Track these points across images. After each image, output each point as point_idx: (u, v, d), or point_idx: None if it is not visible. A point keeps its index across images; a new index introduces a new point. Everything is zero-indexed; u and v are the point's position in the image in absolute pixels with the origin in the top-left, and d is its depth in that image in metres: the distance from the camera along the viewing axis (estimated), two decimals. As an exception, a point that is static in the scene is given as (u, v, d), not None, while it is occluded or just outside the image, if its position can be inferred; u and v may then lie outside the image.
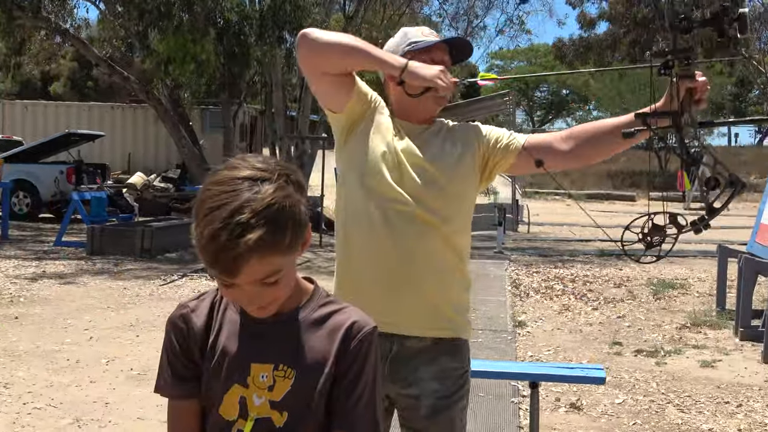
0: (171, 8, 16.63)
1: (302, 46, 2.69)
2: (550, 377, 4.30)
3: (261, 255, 1.61)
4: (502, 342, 8.05)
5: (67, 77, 49.34)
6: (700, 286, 11.53)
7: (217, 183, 1.66)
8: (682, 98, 2.33)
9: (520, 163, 2.81)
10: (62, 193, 19.66)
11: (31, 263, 12.85)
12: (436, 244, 2.67)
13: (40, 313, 9.01)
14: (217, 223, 1.59)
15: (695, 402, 6.22)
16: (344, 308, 1.89)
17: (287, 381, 1.78)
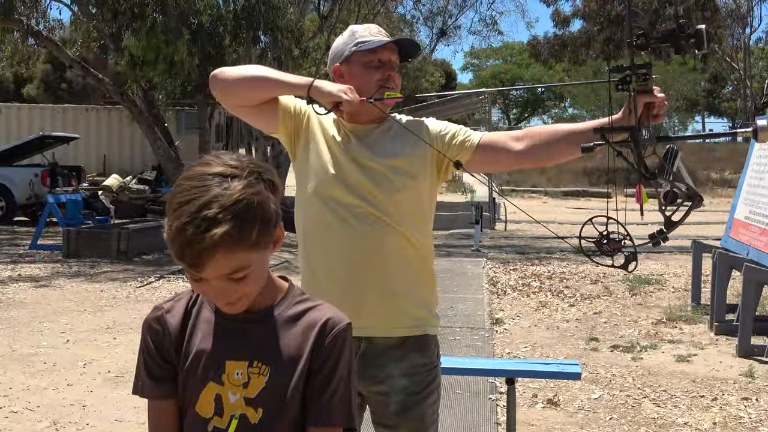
0: (145, 9, 16.56)
1: (214, 87, 2.76)
2: (526, 373, 4.34)
3: (226, 250, 1.63)
4: (479, 339, 8.08)
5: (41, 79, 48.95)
6: (676, 282, 11.63)
7: (189, 178, 1.70)
8: (640, 113, 2.36)
9: (475, 161, 2.80)
10: (37, 196, 19.53)
11: (6, 267, 12.77)
12: (394, 242, 2.69)
13: (15, 316, 8.96)
14: (185, 217, 1.63)
15: (671, 396, 6.28)
16: (319, 305, 1.91)
17: (262, 378, 1.81)
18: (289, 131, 2.81)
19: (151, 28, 16.36)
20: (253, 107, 2.78)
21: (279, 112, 2.79)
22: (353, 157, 2.72)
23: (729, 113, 69.91)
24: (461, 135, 2.80)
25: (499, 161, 2.87)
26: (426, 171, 2.77)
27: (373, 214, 2.67)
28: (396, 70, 2.77)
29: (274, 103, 2.78)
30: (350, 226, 2.67)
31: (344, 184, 2.69)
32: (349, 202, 2.68)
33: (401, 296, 2.70)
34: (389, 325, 2.69)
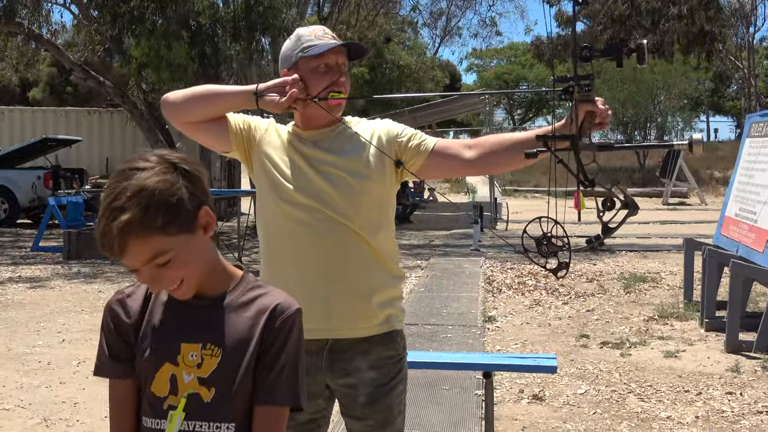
0: (144, 12, 16.66)
1: (165, 110, 2.85)
2: (501, 367, 4.40)
3: (136, 236, 1.77)
4: (470, 337, 8.15)
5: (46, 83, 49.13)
6: (671, 280, 11.66)
7: (113, 176, 1.85)
8: (582, 121, 2.43)
9: (429, 165, 2.84)
10: (40, 198, 19.69)
11: (7, 268, 12.90)
12: (355, 244, 2.74)
13: (13, 317, 9.07)
14: (102, 209, 1.79)
15: (656, 391, 6.34)
16: (270, 291, 2.01)
17: (214, 359, 1.91)
18: (243, 147, 2.87)
19: (151, 31, 16.46)
20: (202, 125, 2.82)
21: (229, 131, 2.84)
22: (309, 161, 2.77)
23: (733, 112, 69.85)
24: (417, 139, 2.85)
25: (451, 168, 2.94)
26: (384, 172, 2.81)
27: (333, 217, 2.72)
28: (343, 73, 2.80)
29: (223, 121, 2.83)
30: (311, 230, 2.72)
31: (302, 189, 2.74)
32: (308, 206, 2.73)
33: (366, 297, 2.76)
34: (356, 325, 2.75)
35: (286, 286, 2.76)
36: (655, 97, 39.18)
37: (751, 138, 9.23)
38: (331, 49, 2.75)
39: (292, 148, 2.81)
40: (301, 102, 2.70)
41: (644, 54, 2.30)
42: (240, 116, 2.89)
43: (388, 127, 2.89)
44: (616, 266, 13.18)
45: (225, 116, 2.84)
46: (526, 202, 30.01)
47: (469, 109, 34.86)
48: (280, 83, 2.71)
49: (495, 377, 6.43)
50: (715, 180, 36.04)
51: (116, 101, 20.04)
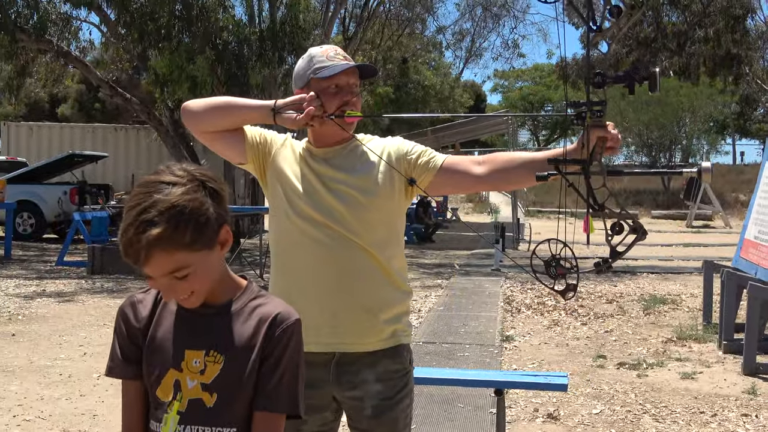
0: (171, 30, 16.84)
1: (185, 118, 2.92)
2: (513, 384, 4.43)
3: (162, 249, 1.84)
4: (488, 356, 8.17)
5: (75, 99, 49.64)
6: (692, 302, 11.63)
7: (140, 185, 1.93)
8: (593, 146, 2.46)
9: (438, 181, 2.87)
10: (66, 213, 19.91)
11: (32, 282, 13.04)
12: (363, 260, 2.79)
13: (36, 330, 9.18)
14: (129, 219, 1.85)
15: (671, 412, 6.34)
16: (271, 301, 2.09)
17: (217, 366, 1.98)
18: (258, 160, 2.93)
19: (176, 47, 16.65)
20: (219, 135, 2.89)
21: (245, 143, 2.90)
22: (321, 178, 2.83)
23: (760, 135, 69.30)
24: (426, 156, 2.89)
25: (460, 183, 2.97)
26: (393, 189, 2.86)
27: (342, 233, 2.77)
28: (354, 93, 2.85)
29: (240, 133, 2.90)
30: (321, 245, 2.77)
31: (313, 205, 2.80)
32: (318, 222, 2.78)
33: (373, 312, 2.80)
34: (363, 340, 2.80)
35: (294, 300, 2.82)
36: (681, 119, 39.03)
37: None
38: (343, 70, 2.81)
39: (305, 165, 2.87)
40: (317, 119, 2.75)
41: (656, 81, 2.33)
42: (257, 129, 2.95)
43: (398, 144, 2.94)
44: (637, 288, 13.15)
45: (242, 128, 2.91)
46: (549, 222, 29.93)
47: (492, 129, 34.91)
48: (298, 100, 2.77)
49: (510, 396, 6.48)
50: (740, 203, 35.80)
51: (142, 118, 20.22)
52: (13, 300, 11.21)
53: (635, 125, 37.29)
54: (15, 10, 17.10)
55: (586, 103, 2.43)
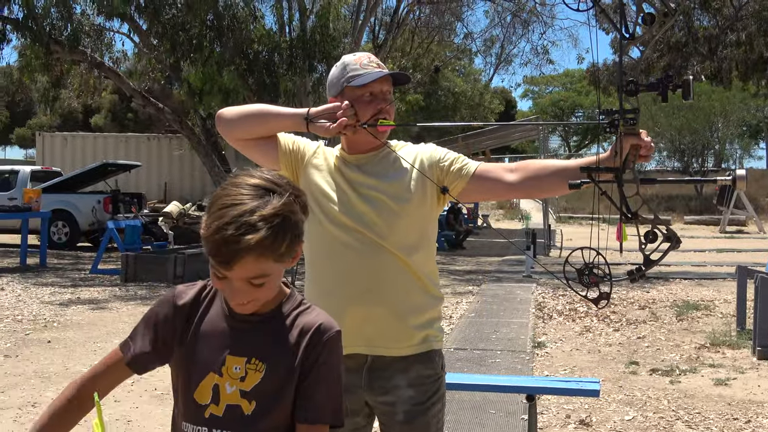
0: (202, 40, 16.97)
1: (219, 125, 2.97)
2: (545, 390, 4.43)
3: (257, 255, 1.85)
4: (519, 362, 8.16)
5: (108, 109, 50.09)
6: (725, 308, 11.53)
7: (235, 185, 1.92)
8: (626, 155, 2.47)
9: (471, 188, 2.89)
10: (99, 222, 20.10)
11: (67, 290, 13.18)
12: (395, 266, 2.80)
13: (71, 337, 9.29)
14: (227, 218, 1.84)
15: (704, 418, 6.29)
16: (313, 310, 2.09)
17: (258, 374, 1.98)
18: (291, 166, 2.96)
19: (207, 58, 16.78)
20: (254, 142, 2.95)
21: (278, 150, 2.95)
22: (353, 185, 2.86)
23: (795, 139, 68.61)
24: (458, 163, 2.90)
25: (493, 191, 2.99)
26: (424, 196, 2.87)
27: (373, 239, 2.79)
28: (388, 100, 2.87)
29: (273, 140, 2.95)
30: (352, 251, 2.80)
31: (345, 211, 2.82)
32: (350, 227, 2.81)
33: (404, 318, 2.82)
34: (395, 345, 2.81)
35: (327, 304, 2.86)
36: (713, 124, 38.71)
37: (805, 165, 9.12)
38: (377, 78, 2.83)
39: (338, 172, 2.90)
40: (351, 128, 2.78)
41: (690, 89, 2.33)
42: (290, 137, 2.99)
43: (431, 151, 2.95)
44: (670, 294, 13.07)
45: (275, 135, 2.95)
46: (581, 228, 29.79)
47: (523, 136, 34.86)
48: (332, 109, 2.80)
49: (542, 402, 6.46)
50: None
51: (175, 127, 20.38)
52: (48, 307, 11.34)
53: (667, 130, 37.06)
54: (49, 22, 17.30)
55: (618, 111, 2.42)
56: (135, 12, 17.79)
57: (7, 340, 9.09)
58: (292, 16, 19.84)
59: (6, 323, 10.12)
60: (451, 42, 34.14)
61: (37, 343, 8.96)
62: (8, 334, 9.44)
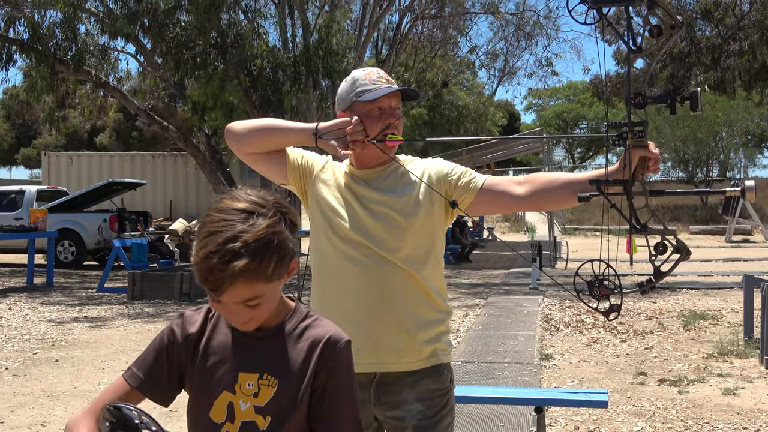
0: (206, 58, 17.03)
1: (228, 139, 2.98)
2: (553, 401, 4.43)
3: (245, 280, 1.85)
4: (527, 375, 8.15)
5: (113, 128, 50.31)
6: (732, 317, 11.51)
7: (218, 210, 1.92)
8: (635, 167, 2.48)
9: (479, 202, 2.89)
10: (106, 240, 20.11)
11: (74, 309, 13.20)
12: (402, 281, 2.80)
13: (79, 355, 9.30)
14: (212, 246, 1.85)
15: (713, 428, 6.28)
16: (320, 322, 2.10)
17: (271, 389, 1.99)
18: (299, 181, 2.98)
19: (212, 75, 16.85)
20: (263, 156, 2.97)
21: (287, 165, 2.97)
22: (360, 200, 2.86)
23: (799, 148, 68.51)
24: (466, 177, 2.91)
25: (501, 204, 2.97)
26: (432, 210, 2.88)
27: (381, 254, 2.80)
28: (397, 115, 2.88)
29: (282, 154, 2.96)
30: (359, 266, 2.81)
31: (352, 226, 2.83)
32: (357, 242, 2.82)
33: (411, 332, 2.81)
34: (403, 360, 2.81)
35: (334, 319, 2.86)
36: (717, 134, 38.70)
37: (809, 173, 9.12)
38: (386, 94, 2.84)
39: (346, 186, 2.90)
40: (359, 144, 2.79)
41: (698, 101, 2.34)
42: (299, 151, 3.00)
43: (439, 166, 2.96)
44: (677, 304, 13.05)
45: (284, 149, 2.97)
46: (586, 240, 29.79)
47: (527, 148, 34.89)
48: (340, 124, 2.81)
49: (551, 414, 6.45)
50: (780, 217, 35.43)
51: (180, 145, 20.43)
52: (55, 326, 11.36)
53: (671, 141, 37.06)
54: (54, 43, 17.39)
55: (626, 123, 2.43)
56: (139, 31, 17.86)
57: (15, 359, 9.11)
58: (296, 33, 19.92)
59: (14, 343, 10.14)
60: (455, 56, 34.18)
61: (45, 362, 8.97)
62: (16, 353, 9.46)
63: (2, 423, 6.60)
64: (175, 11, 17.45)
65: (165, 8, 17.32)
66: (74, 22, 17.46)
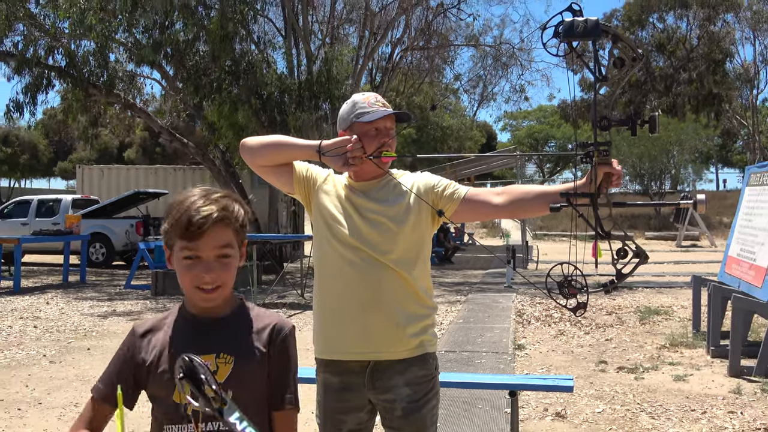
0: (221, 83, 17.03)
1: (243, 153, 2.98)
2: (524, 386, 4.42)
3: (222, 223, 1.96)
4: (502, 362, 8.13)
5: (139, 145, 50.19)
6: (682, 313, 11.52)
7: (181, 194, 2.04)
8: (600, 181, 2.48)
9: (462, 210, 2.90)
10: (132, 243, 20.16)
11: (104, 303, 13.16)
12: (394, 281, 2.81)
13: (108, 345, 9.25)
14: (189, 203, 1.97)
15: (665, 410, 6.28)
16: (267, 313, 2.15)
17: (228, 366, 2.00)
18: (304, 191, 2.99)
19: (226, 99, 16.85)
20: (273, 168, 2.97)
21: (293, 177, 2.97)
22: (358, 209, 2.87)
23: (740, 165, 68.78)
24: (451, 188, 2.92)
25: (481, 212, 2.97)
26: (420, 218, 2.89)
27: (375, 257, 2.80)
28: (391, 135, 2.89)
29: (289, 167, 2.97)
30: (356, 267, 2.81)
31: (352, 233, 2.83)
32: (355, 246, 2.82)
33: (402, 326, 2.81)
34: (393, 349, 2.81)
35: (334, 315, 2.88)
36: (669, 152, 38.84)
37: (750, 187, 9.17)
38: (382, 116, 2.86)
39: (345, 197, 2.91)
40: (358, 160, 2.80)
41: (656, 124, 2.36)
42: (304, 164, 3.01)
43: (427, 179, 2.97)
44: (633, 301, 13.05)
45: (291, 163, 2.97)
46: (554, 245, 29.79)
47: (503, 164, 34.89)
48: (342, 143, 2.81)
49: (523, 397, 6.45)
50: (723, 225, 35.46)
51: (198, 159, 20.39)
52: (88, 319, 11.32)
53: (629, 158, 37.16)
54: (88, 69, 17.37)
55: (593, 143, 2.44)
56: (163, 59, 17.85)
57: (52, 348, 9.07)
58: (300, 62, 19.91)
59: (51, 333, 10.10)
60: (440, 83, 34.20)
61: (78, 350, 8.93)
62: (53, 342, 9.42)
63: (40, 404, 6.57)
64: (194, 42, 17.43)
65: (185, 39, 17.31)
66: (105, 51, 17.43)
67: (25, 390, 7.05)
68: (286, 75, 19.02)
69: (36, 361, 8.31)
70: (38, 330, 10.32)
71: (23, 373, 7.72)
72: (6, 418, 6.12)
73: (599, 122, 2.39)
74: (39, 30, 17.04)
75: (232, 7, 16.74)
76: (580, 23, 2.34)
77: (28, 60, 17.05)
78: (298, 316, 11.46)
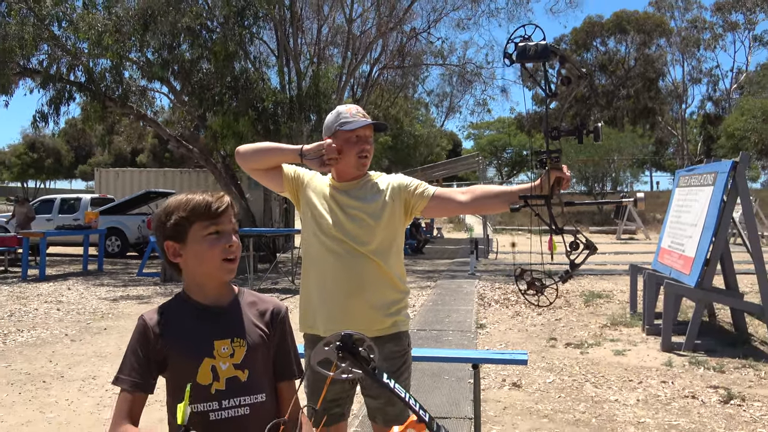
0: (223, 97, 16.95)
1: (238, 158, 2.97)
2: (485, 360, 4.41)
3: (230, 207, 2.01)
4: (466, 339, 8.14)
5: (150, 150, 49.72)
6: (621, 296, 11.59)
7: (183, 195, 2.04)
8: (552, 184, 2.50)
9: (431, 206, 2.91)
10: (144, 237, 20.04)
11: (119, 289, 13.03)
12: (372, 269, 2.81)
13: (123, 325, 9.18)
14: (198, 195, 2.00)
15: (606, 380, 6.31)
16: (264, 298, 2.13)
17: (242, 348, 1.97)
18: (292, 190, 2.99)
19: (226, 110, 16.76)
20: (264, 171, 2.97)
21: (283, 177, 2.97)
22: (340, 205, 2.87)
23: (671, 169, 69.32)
24: (421, 188, 2.93)
25: (448, 208, 2.98)
26: (394, 213, 2.89)
27: (355, 247, 2.80)
28: (369, 142, 2.90)
29: (279, 170, 2.96)
30: (338, 257, 2.81)
31: (335, 226, 2.83)
32: (337, 238, 2.81)
33: (378, 308, 2.82)
34: (370, 328, 2.78)
35: (319, 298, 2.86)
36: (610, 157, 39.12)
37: (679, 187, 9.23)
38: (362, 126, 2.86)
39: (329, 195, 2.90)
40: (334, 160, 2.81)
41: (599, 134, 2.36)
42: (292, 167, 3.00)
43: (400, 179, 2.97)
44: (579, 286, 13.11)
45: (281, 166, 2.96)
46: (511, 238, 29.86)
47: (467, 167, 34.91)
48: (319, 146, 2.82)
49: (484, 370, 6.45)
50: (657, 221, 35.70)
51: (202, 164, 20.24)
52: (104, 302, 11.21)
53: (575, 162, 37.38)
54: (105, 84, 17.22)
55: (545, 151, 2.45)
56: (171, 76, 17.71)
57: (73, 328, 8.98)
58: (292, 79, 19.83)
59: (72, 315, 9.99)
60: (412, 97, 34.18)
61: (96, 330, 8.84)
62: (74, 323, 9.33)
63: (62, 377, 6.50)
64: (198, 60, 17.30)
65: (191, 58, 17.17)
66: (120, 69, 17.28)
67: (49, 365, 6.97)
68: (279, 90, 18.91)
69: (59, 340, 8.21)
70: (61, 312, 10.21)
71: (48, 350, 7.63)
72: (33, 390, 6.05)
73: (550, 132, 2.39)
74: (61, 50, 16.83)
75: (232, 30, 16.63)
76: (531, 47, 2.35)
77: (52, 76, 16.86)
78: (290, 300, 11.41)
